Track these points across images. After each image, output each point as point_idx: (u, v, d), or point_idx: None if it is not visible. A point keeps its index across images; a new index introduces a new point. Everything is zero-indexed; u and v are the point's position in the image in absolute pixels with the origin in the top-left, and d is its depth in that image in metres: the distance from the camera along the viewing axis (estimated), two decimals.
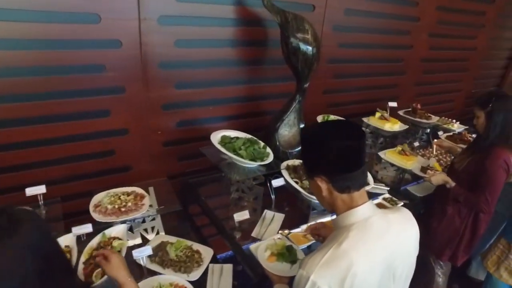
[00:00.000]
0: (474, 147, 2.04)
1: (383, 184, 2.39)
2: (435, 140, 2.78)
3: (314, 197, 1.74)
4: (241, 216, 1.74)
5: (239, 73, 2.34)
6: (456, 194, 1.97)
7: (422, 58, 3.43)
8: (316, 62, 2.07)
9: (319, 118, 2.49)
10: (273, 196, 1.99)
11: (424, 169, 2.36)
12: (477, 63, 4.07)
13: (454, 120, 3.42)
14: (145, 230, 1.95)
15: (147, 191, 2.06)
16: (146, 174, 2.23)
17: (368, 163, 1.00)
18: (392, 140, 3.15)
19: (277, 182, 1.92)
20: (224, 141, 2.02)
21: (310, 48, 1.99)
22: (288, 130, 2.33)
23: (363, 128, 2.85)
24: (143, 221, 1.97)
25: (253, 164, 1.90)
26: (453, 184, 1.99)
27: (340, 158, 0.96)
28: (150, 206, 1.95)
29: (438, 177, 2.04)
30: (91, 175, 2.07)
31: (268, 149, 2.03)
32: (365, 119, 2.87)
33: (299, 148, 2.27)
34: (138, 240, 1.88)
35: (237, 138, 2.02)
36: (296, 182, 1.92)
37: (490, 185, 1.84)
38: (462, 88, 4.15)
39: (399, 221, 1.04)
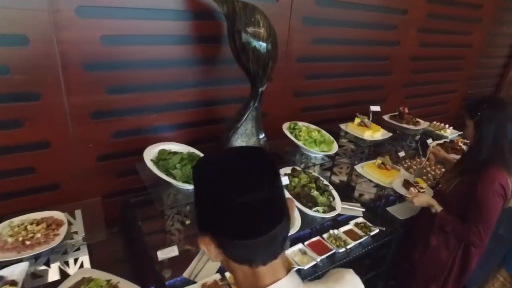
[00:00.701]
0: (463, 165, 1.69)
1: (359, 204, 2.05)
2: (431, 147, 2.35)
3: None
4: (167, 253, 1.41)
5: (189, 74, 1.99)
6: (443, 222, 1.62)
7: (410, 56, 3.07)
8: (272, 61, 1.72)
9: (285, 126, 2.14)
10: None
11: (407, 185, 2.01)
12: (473, 62, 3.70)
13: (446, 125, 3.06)
14: (66, 263, 1.63)
15: (74, 215, 1.75)
16: (78, 194, 1.90)
17: (286, 223, 0.61)
18: (377, 148, 2.80)
19: None
20: (161, 156, 1.68)
21: (263, 44, 1.64)
22: (246, 140, 1.98)
23: (344, 136, 2.50)
24: (65, 252, 1.64)
25: (189, 187, 1.55)
26: (439, 209, 1.64)
27: (232, 219, 0.61)
28: (75, 233, 1.64)
29: (422, 199, 1.70)
30: (3, 197, 1.73)
31: None
32: (342, 126, 2.52)
33: None
34: (56, 276, 1.57)
35: (175, 153, 1.68)
36: None
37: (483, 215, 1.49)
38: (456, 88, 3.78)
39: None
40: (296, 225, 1.52)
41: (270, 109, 2.37)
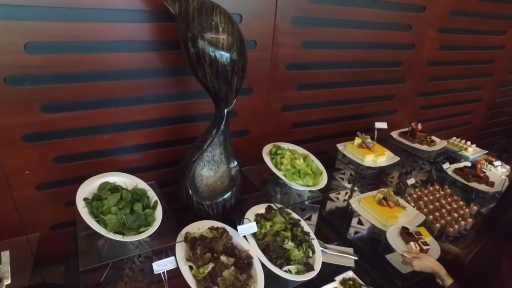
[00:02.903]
0: (487, 224, 1.27)
1: (351, 250, 1.67)
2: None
3: None
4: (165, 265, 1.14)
5: (147, 87, 1.65)
6: None
7: (428, 61, 2.61)
8: (238, 75, 1.35)
9: (266, 150, 1.78)
10: (164, 278, 1.31)
11: (405, 236, 1.59)
12: (504, 66, 3.18)
13: (468, 143, 2.59)
14: None
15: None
16: (20, 226, 1.63)
17: None
18: (387, 171, 2.40)
19: (161, 266, 1.24)
20: (100, 193, 1.36)
21: (225, 54, 1.27)
22: (215, 168, 1.63)
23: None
24: None
25: (121, 238, 1.22)
26: (448, 281, 1.25)
27: None
28: None
29: (424, 263, 1.31)
30: None
31: (158, 211, 1.34)
32: (340, 146, 2.12)
33: (226, 196, 1.57)
34: None
35: (116, 190, 1.35)
36: (191, 268, 1.23)
37: None
38: (483, 96, 3.28)
39: None
40: None
41: (252, 126, 2.01)
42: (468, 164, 2.34)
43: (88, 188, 1.39)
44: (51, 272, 1.62)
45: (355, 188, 2.18)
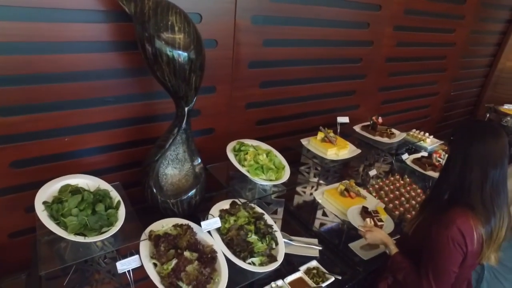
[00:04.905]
0: (425, 200, 1.40)
1: (316, 240, 1.73)
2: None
3: None
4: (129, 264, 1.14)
5: (108, 88, 1.64)
6: (395, 266, 1.36)
7: (386, 57, 2.74)
8: (196, 74, 1.37)
9: (230, 147, 1.81)
10: (130, 278, 1.32)
11: (364, 214, 1.70)
12: (456, 62, 3.39)
13: (426, 134, 2.75)
14: None
15: None
16: None
17: None
18: (352, 164, 2.50)
19: (125, 265, 1.24)
20: (60, 196, 1.33)
21: (182, 54, 1.29)
22: (179, 167, 1.65)
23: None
24: None
25: (82, 239, 1.21)
26: (393, 250, 1.37)
27: None
28: None
29: (375, 235, 1.45)
30: None
31: (121, 210, 1.34)
32: (304, 141, 2.19)
33: (191, 193, 1.59)
34: None
35: (75, 193, 1.33)
36: (155, 265, 1.24)
37: (435, 264, 1.21)
38: (438, 90, 3.47)
39: None
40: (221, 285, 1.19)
41: (216, 124, 2.03)
42: (425, 154, 2.49)
43: (48, 191, 1.36)
44: (12, 281, 1.58)
45: (321, 182, 2.25)
